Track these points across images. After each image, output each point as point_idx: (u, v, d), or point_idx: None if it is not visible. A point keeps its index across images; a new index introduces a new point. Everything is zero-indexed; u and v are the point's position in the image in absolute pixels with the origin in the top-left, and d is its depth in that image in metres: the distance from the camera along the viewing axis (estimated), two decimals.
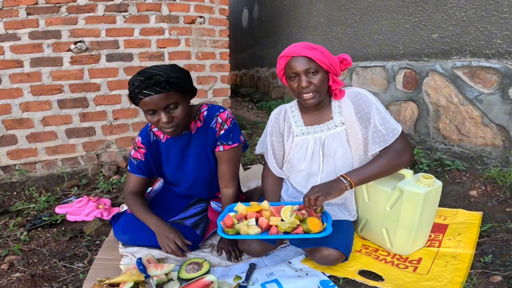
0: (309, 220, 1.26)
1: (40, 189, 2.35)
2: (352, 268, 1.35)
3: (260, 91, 5.58)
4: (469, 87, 2.13)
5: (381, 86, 2.82)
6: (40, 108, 2.46)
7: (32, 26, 2.37)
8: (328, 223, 1.26)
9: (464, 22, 2.13)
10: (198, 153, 1.53)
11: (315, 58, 1.29)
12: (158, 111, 1.28)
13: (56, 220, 1.90)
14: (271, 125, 1.54)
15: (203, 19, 2.97)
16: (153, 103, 1.25)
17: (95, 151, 2.69)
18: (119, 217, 1.62)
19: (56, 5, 2.41)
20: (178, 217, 1.60)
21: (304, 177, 1.50)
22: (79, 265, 1.50)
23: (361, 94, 1.40)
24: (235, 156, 1.53)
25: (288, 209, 1.32)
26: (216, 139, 1.49)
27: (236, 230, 1.27)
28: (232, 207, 1.44)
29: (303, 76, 1.31)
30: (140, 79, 1.24)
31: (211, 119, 1.48)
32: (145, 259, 1.39)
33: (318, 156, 1.45)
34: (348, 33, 3.21)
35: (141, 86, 1.23)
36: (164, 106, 1.27)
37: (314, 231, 1.23)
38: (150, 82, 1.22)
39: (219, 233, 1.26)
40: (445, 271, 1.27)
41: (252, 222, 1.30)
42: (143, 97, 1.25)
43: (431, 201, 1.34)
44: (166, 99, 1.26)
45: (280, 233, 1.26)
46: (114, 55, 2.63)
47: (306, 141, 1.47)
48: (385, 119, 1.34)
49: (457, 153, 2.18)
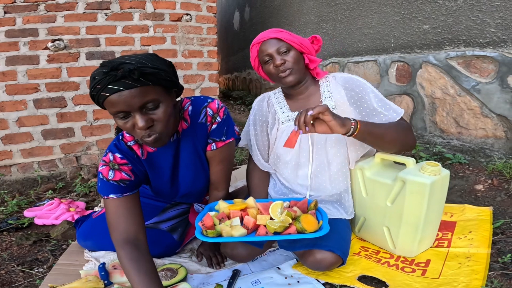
0: (303, 217, 1.08)
1: (14, 193, 2.20)
2: (351, 273, 1.19)
3: (252, 93, 5.49)
4: (465, 77, 2.02)
5: (374, 80, 2.71)
6: (15, 108, 2.33)
7: (8, 25, 2.28)
8: (324, 221, 1.09)
9: (454, 12, 2.05)
10: (190, 162, 1.24)
11: (284, 38, 1.26)
12: (131, 113, 0.93)
13: (23, 224, 1.77)
14: (253, 113, 1.43)
15: (190, 17, 2.88)
16: (123, 101, 0.90)
17: (74, 153, 2.54)
18: (83, 221, 1.48)
19: (34, 3, 2.32)
20: (152, 221, 1.42)
21: (293, 169, 1.35)
22: (39, 270, 1.38)
23: (353, 79, 1.30)
24: (229, 154, 1.28)
25: (277, 205, 1.14)
26: (207, 136, 1.21)
27: (217, 232, 1.07)
28: (213, 206, 1.23)
29: (276, 55, 1.26)
30: (103, 71, 0.89)
31: (199, 112, 1.17)
32: (110, 265, 1.24)
33: (307, 145, 1.32)
34: (338, 29, 3.13)
35: (105, 80, 0.88)
36: (140, 105, 0.92)
37: (309, 230, 1.05)
38: (116, 74, 0.87)
39: (197, 236, 1.05)
40: (460, 274, 1.11)
41: (236, 222, 1.11)
42: (108, 94, 0.89)
43: (438, 192, 1.17)
44: (141, 95, 0.91)
45: (270, 233, 1.07)
46: (95, 53, 2.51)
47: (291, 128, 1.33)
48: (383, 101, 1.24)
49: (457, 146, 2.06)
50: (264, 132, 1.41)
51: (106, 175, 1.09)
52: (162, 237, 1.38)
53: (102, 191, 1.09)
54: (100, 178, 1.10)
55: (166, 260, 1.36)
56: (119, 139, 1.16)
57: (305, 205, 1.20)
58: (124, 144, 1.15)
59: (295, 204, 1.21)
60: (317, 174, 1.34)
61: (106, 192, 1.08)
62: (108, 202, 1.08)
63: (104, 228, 1.28)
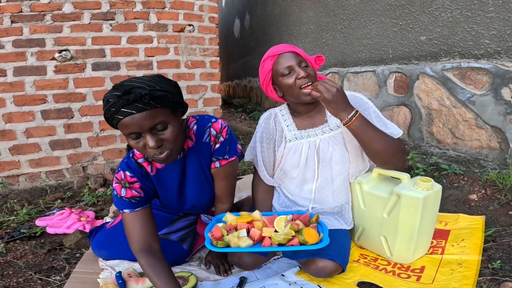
0: (305, 230, 1.17)
1: (23, 202, 2.26)
2: (350, 279, 1.27)
3: (253, 101, 5.55)
4: (461, 89, 2.09)
5: (372, 91, 2.78)
6: (23, 119, 2.38)
7: (16, 34, 2.32)
8: (324, 234, 1.18)
9: (450, 23, 2.12)
10: (196, 178, 1.31)
11: (301, 53, 1.30)
12: (143, 134, 1.03)
13: (36, 233, 1.83)
14: (260, 131, 1.45)
15: (193, 27, 2.94)
16: (136, 124, 0.98)
17: (81, 163, 2.60)
18: (97, 231, 1.54)
19: (40, 13, 2.37)
20: (163, 232, 1.50)
21: (298, 184, 1.42)
22: (56, 278, 1.44)
23: (357, 98, 1.35)
24: (233, 171, 1.36)
25: (282, 219, 1.23)
26: (211, 155, 1.29)
27: (225, 242, 1.16)
28: (220, 218, 1.32)
29: (298, 68, 1.27)
30: (116, 95, 0.97)
31: (203, 132, 1.25)
32: (126, 273, 1.31)
33: (312, 162, 1.38)
34: (338, 38, 3.20)
35: (118, 103, 0.96)
36: (150, 127, 1.01)
37: (310, 242, 1.13)
38: (129, 98, 0.96)
39: (207, 246, 1.14)
40: (452, 279, 1.18)
41: (243, 233, 1.20)
42: (122, 117, 0.98)
43: (430, 205, 1.26)
44: (152, 117, 1.00)
45: (274, 245, 1.16)
46: (101, 64, 2.57)
47: (299, 146, 1.39)
48: (383, 121, 1.31)
49: (453, 157, 2.13)
50: (271, 149, 1.45)
51: (119, 192, 1.20)
52: (173, 247, 1.45)
53: (117, 206, 1.21)
54: (114, 195, 1.21)
55: (177, 268, 1.42)
56: (130, 157, 1.24)
57: (307, 219, 1.28)
58: (134, 162, 1.23)
59: (298, 217, 1.28)
60: (321, 189, 1.40)
61: (121, 207, 1.20)
62: (123, 216, 1.20)
63: (118, 238, 1.41)
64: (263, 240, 1.18)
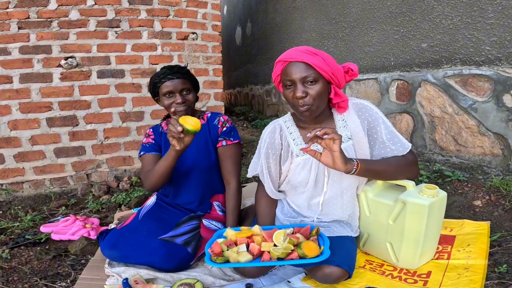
0: (304, 244, 1.18)
1: (27, 209, 2.27)
2: (357, 285, 1.27)
3: (255, 109, 5.57)
4: (463, 96, 2.11)
5: (374, 99, 2.80)
6: (28, 127, 2.40)
7: (22, 41, 2.35)
8: (325, 246, 1.18)
9: (451, 30, 2.14)
10: (198, 143, 1.66)
11: (315, 65, 1.16)
12: (175, 94, 1.56)
13: (40, 239, 1.83)
14: (265, 146, 1.38)
15: (196, 35, 2.98)
16: (173, 85, 1.55)
17: (85, 171, 2.61)
18: (107, 233, 1.55)
19: (47, 19, 2.40)
20: (169, 235, 1.53)
21: (306, 198, 1.39)
22: (62, 285, 1.44)
23: (366, 107, 1.30)
24: (236, 154, 1.68)
25: (280, 233, 1.23)
26: (218, 135, 1.68)
27: (225, 258, 1.18)
28: (221, 233, 1.35)
29: (299, 85, 1.18)
30: (165, 69, 1.58)
31: (214, 118, 1.70)
32: (132, 280, 1.31)
33: (322, 177, 1.35)
34: (339, 46, 3.23)
35: (167, 73, 1.55)
36: (181, 89, 1.56)
37: (310, 256, 1.15)
38: (173, 69, 1.57)
39: (206, 262, 1.17)
40: (459, 284, 1.19)
41: (243, 248, 1.22)
42: (166, 80, 1.55)
43: (436, 212, 1.27)
44: (183, 83, 1.57)
45: (273, 259, 1.17)
46: (106, 71, 2.60)
47: (308, 161, 1.34)
48: (392, 134, 1.28)
49: (456, 163, 2.14)
50: (277, 165, 1.40)
51: (143, 140, 1.71)
52: (178, 250, 1.47)
53: (140, 152, 1.69)
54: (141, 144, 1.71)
55: (182, 275, 1.43)
56: (159, 124, 1.77)
57: (308, 232, 1.29)
58: (158, 125, 1.76)
59: (298, 230, 1.29)
60: (329, 202, 1.39)
61: (140, 152, 1.69)
62: (143, 158, 1.67)
63: (130, 239, 1.48)
64: (262, 254, 1.20)
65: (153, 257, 1.43)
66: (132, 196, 2.38)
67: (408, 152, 1.28)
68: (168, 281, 1.39)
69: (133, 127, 2.73)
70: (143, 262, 1.45)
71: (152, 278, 1.39)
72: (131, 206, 2.23)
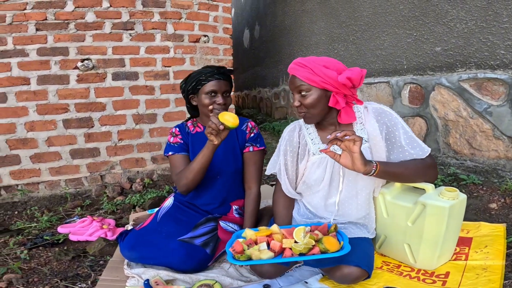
0: (325, 239, 1.19)
1: (42, 209, 2.29)
2: (375, 285, 1.28)
3: (263, 112, 5.58)
4: (477, 100, 2.11)
5: (386, 102, 2.81)
6: (45, 128, 2.43)
7: (40, 42, 2.38)
8: (345, 242, 1.20)
9: (465, 34, 2.15)
10: (226, 148, 1.66)
11: (303, 76, 1.24)
12: (218, 94, 1.56)
13: (58, 240, 1.85)
14: (284, 143, 1.44)
15: (207, 38, 3.00)
16: (219, 85, 1.55)
17: (99, 172, 2.64)
18: (126, 234, 1.57)
19: (64, 21, 2.43)
20: (188, 236, 1.55)
21: (322, 198, 1.41)
22: (82, 286, 1.45)
23: (385, 112, 1.33)
24: (261, 160, 1.70)
25: (300, 230, 1.25)
26: (245, 140, 1.70)
27: (247, 256, 1.19)
28: (240, 233, 1.36)
29: (296, 95, 1.29)
30: (211, 69, 1.58)
31: (242, 123, 1.70)
32: (153, 281, 1.32)
33: (337, 176, 1.37)
34: (350, 49, 3.25)
35: (213, 72, 1.55)
36: (224, 91, 1.58)
37: (331, 250, 1.16)
38: (221, 70, 1.59)
39: (229, 260, 1.19)
40: (478, 284, 1.21)
41: (264, 247, 1.23)
42: (213, 79, 1.55)
43: (456, 214, 1.29)
44: (226, 85, 1.59)
45: (295, 255, 1.18)
46: (120, 73, 2.63)
47: (324, 160, 1.38)
48: (412, 138, 1.30)
49: (471, 167, 2.14)
50: (294, 162, 1.44)
51: (169, 140, 1.69)
52: (197, 251, 1.48)
53: (166, 151, 1.68)
54: (167, 143, 1.70)
55: (201, 276, 1.44)
56: (184, 123, 1.77)
57: (326, 229, 1.30)
58: (184, 125, 1.75)
59: (316, 228, 1.30)
60: (344, 202, 1.40)
61: (167, 151, 1.67)
62: (170, 158, 1.66)
63: (149, 240, 1.49)
64: (284, 251, 1.21)
65: (173, 258, 1.45)
66: (146, 197, 2.40)
67: (427, 156, 1.30)
68: (187, 282, 1.40)
69: (146, 129, 2.76)
70: (162, 263, 1.46)
71: (171, 279, 1.40)
72: (145, 208, 2.25)
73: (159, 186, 2.68)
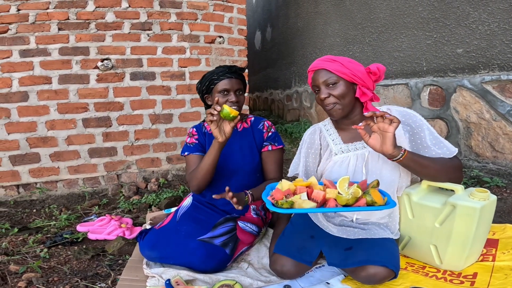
0: (372, 191, 1.10)
1: (61, 208, 2.31)
2: (401, 286, 1.25)
3: (274, 114, 5.57)
4: (501, 102, 2.07)
5: (404, 104, 2.77)
6: (65, 127, 2.46)
7: (62, 42, 2.41)
8: (388, 197, 1.13)
9: (488, 36, 2.11)
10: (242, 146, 1.69)
11: (333, 69, 1.29)
12: (230, 92, 1.57)
13: (77, 238, 1.85)
14: (305, 146, 1.47)
15: (223, 39, 3.01)
16: (231, 84, 1.57)
17: (116, 171, 2.66)
18: (146, 233, 1.57)
19: (86, 21, 2.46)
20: (207, 236, 1.53)
21: None
22: (102, 285, 1.43)
23: (410, 114, 1.34)
24: (281, 158, 1.72)
25: (345, 180, 1.13)
26: (263, 139, 1.71)
27: (291, 202, 1.08)
28: (274, 186, 1.29)
29: (323, 88, 1.32)
30: (222, 68, 1.60)
31: (259, 123, 1.73)
32: (173, 281, 1.31)
33: (360, 174, 1.36)
34: (366, 51, 3.22)
35: (225, 71, 1.57)
36: (236, 89, 1.59)
37: (379, 203, 1.07)
38: (232, 69, 1.60)
39: (268, 207, 1.12)
40: (507, 284, 1.18)
41: (304, 197, 1.12)
42: (225, 78, 1.56)
43: (486, 215, 1.26)
44: (239, 84, 1.60)
45: (340, 206, 1.09)
46: (138, 73, 2.65)
47: (346, 158, 1.39)
48: (438, 139, 1.29)
49: (493, 170, 2.10)
50: (316, 164, 1.46)
51: (186, 140, 1.72)
52: (217, 251, 1.47)
53: (183, 151, 1.70)
54: (184, 144, 1.72)
55: (220, 276, 1.43)
56: (201, 124, 1.78)
57: (365, 185, 1.22)
58: (201, 125, 1.76)
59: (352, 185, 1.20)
60: None
61: (183, 151, 1.69)
62: (187, 158, 1.68)
63: (169, 239, 1.48)
64: (327, 202, 1.12)
65: (193, 258, 1.44)
66: (162, 197, 2.40)
67: (453, 156, 1.28)
68: (208, 283, 1.38)
69: (162, 129, 2.77)
70: (182, 262, 1.45)
71: (192, 279, 1.39)
72: (161, 207, 2.25)
73: (174, 186, 2.69)
